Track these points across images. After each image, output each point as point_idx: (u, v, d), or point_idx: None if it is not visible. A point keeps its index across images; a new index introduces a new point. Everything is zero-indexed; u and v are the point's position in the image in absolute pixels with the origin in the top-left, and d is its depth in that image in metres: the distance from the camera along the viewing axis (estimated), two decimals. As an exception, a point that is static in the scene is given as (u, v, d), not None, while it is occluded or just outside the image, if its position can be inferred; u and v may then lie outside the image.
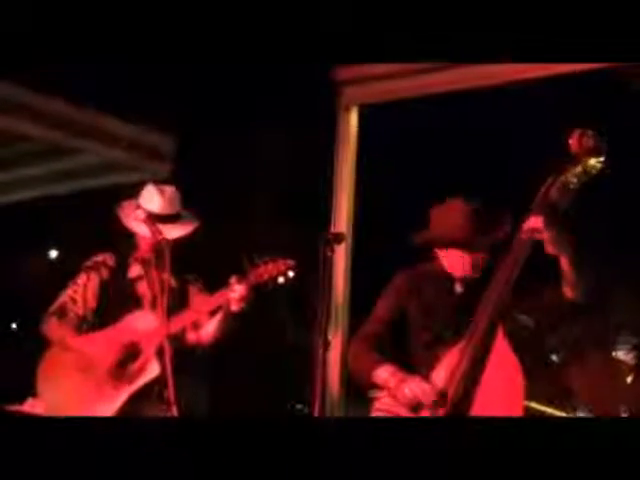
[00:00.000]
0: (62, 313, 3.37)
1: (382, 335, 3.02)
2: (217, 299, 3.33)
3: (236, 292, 3.25)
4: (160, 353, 3.10)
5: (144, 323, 3.29)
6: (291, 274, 3.29)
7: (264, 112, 5.21)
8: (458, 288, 3.00)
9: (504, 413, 2.62)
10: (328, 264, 2.63)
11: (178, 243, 3.29)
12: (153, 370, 3.22)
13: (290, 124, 5.21)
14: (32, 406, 2.86)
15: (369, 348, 2.98)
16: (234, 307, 3.29)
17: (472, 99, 4.71)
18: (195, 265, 3.59)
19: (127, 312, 3.35)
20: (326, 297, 2.64)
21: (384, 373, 2.86)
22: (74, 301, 3.39)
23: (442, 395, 2.70)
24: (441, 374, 2.76)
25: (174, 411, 2.90)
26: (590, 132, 2.63)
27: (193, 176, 5.13)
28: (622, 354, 4.48)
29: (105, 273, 3.42)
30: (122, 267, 3.45)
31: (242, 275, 3.26)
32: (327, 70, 4.91)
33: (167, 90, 4.81)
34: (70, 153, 5.70)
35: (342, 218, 4.93)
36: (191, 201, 3.56)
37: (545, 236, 2.66)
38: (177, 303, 3.36)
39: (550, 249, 2.69)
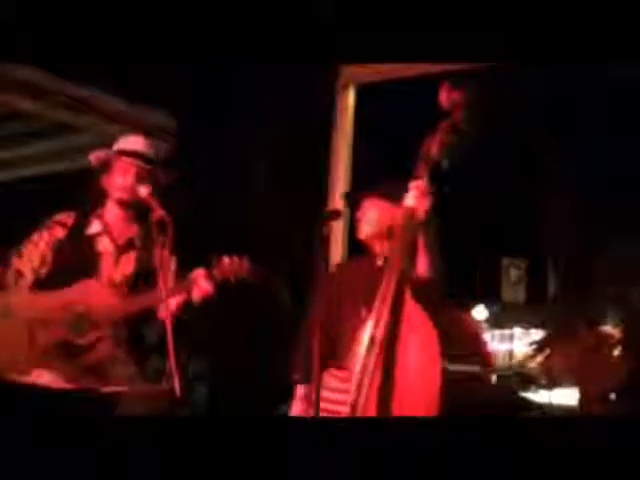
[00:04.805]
0: (5, 265, 3.23)
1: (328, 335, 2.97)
2: (180, 290, 3.23)
3: (201, 287, 3.18)
4: (118, 330, 3.09)
5: (98, 296, 3.16)
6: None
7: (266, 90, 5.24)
8: (379, 262, 3.04)
9: (423, 373, 2.54)
10: (324, 240, 2.69)
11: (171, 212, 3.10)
12: (104, 348, 3.13)
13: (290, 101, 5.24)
14: (39, 376, 2.90)
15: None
16: (196, 299, 3.22)
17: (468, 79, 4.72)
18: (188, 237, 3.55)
19: (83, 272, 3.19)
20: (322, 272, 2.72)
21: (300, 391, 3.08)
22: (20, 255, 3.24)
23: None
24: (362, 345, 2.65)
25: (175, 382, 2.78)
26: (457, 84, 2.59)
27: (193, 157, 5.19)
28: (609, 328, 4.57)
29: (60, 232, 3.27)
30: (81, 225, 3.30)
31: (209, 270, 3.18)
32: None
33: (167, 68, 4.84)
34: (71, 131, 5.76)
35: (339, 195, 4.96)
36: (190, 180, 3.59)
37: (422, 207, 2.64)
38: (146, 267, 3.25)
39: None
